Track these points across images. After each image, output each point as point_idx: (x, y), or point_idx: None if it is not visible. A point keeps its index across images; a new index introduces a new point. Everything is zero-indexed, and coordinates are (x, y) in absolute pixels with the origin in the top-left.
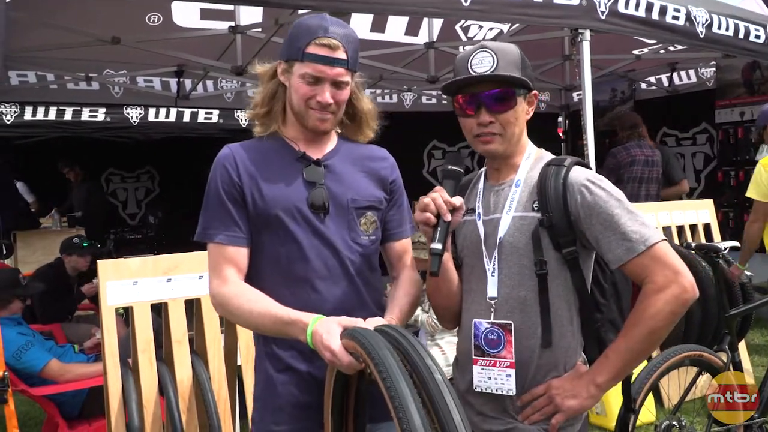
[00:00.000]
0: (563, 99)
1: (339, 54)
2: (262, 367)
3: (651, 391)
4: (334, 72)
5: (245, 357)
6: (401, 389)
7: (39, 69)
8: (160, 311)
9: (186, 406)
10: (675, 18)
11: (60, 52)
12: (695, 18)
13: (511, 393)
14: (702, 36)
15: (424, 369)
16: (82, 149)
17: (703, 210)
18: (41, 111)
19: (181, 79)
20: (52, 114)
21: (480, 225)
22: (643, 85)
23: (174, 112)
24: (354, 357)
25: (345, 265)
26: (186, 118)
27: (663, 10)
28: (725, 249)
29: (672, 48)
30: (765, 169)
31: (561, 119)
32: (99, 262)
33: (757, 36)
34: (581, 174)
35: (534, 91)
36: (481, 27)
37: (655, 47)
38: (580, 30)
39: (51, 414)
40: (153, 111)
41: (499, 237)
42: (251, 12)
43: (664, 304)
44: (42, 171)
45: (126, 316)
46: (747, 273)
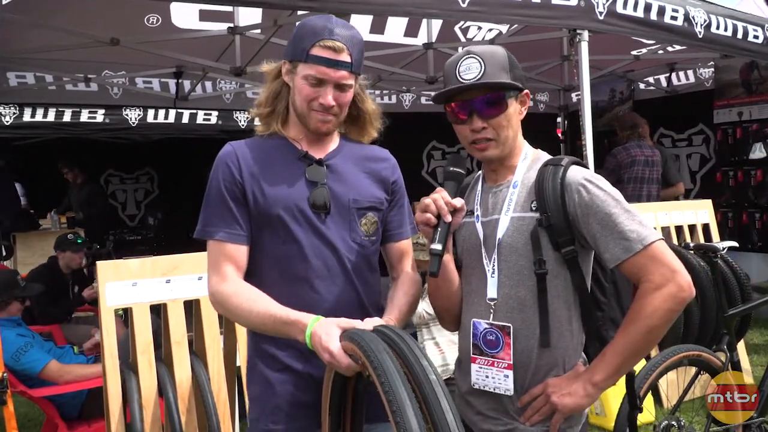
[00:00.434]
0: (562, 99)
1: (343, 57)
2: (257, 368)
3: (650, 391)
4: (337, 75)
5: (245, 358)
6: (399, 394)
7: (38, 70)
8: (159, 312)
9: (185, 407)
10: (673, 18)
11: (59, 53)
12: (694, 18)
13: (509, 393)
14: (700, 36)
15: (419, 370)
16: (81, 150)
17: (702, 210)
18: (40, 112)
19: (180, 80)
20: (51, 115)
21: (479, 227)
22: (642, 86)
23: (173, 113)
24: (353, 359)
25: (344, 266)
26: (185, 119)
27: (661, 10)
28: (724, 249)
29: (670, 48)
30: None
31: (560, 120)
32: (98, 263)
33: (756, 36)
34: (579, 173)
35: (525, 90)
36: (480, 28)
37: (654, 48)
38: (578, 30)
39: (50, 415)
40: (152, 112)
41: (498, 238)
42: (250, 13)
43: (661, 302)
44: (41, 172)
45: (125, 317)
46: None
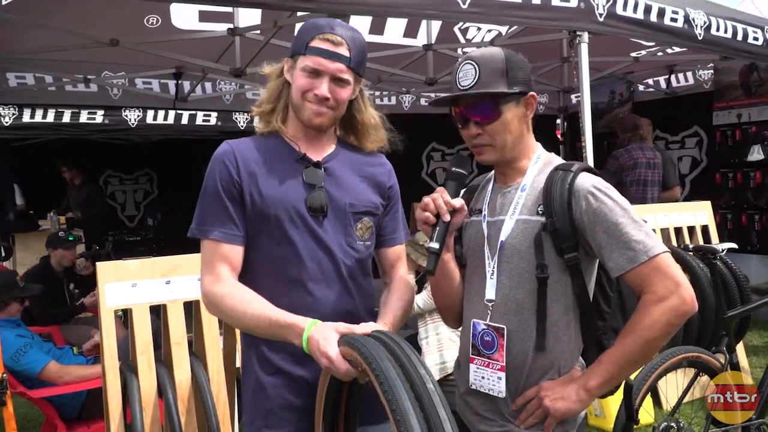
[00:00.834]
0: (561, 101)
1: (341, 50)
2: (251, 371)
3: (649, 393)
4: (334, 66)
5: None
6: (403, 402)
7: (37, 71)
8: (159, 313)
9: (185, 408)
10: (673, 20)
11: (58, 54)
12: (693, 20)
13: (501, 395)
14: (700, 38)
15: (417, 378)
16: (80, 151)
17: (701, 212)
18: (39, 113)
19: (180, 81)
20: (50, 116)
21: (485, 226)
22: (641, 87)
23: (172, 114)
24: (351, 364)
25: (339, 269)
26: (184, 120)
27: (661, 12)
28: (723, 251)
29: (670, 50)
30: None
31: (559, 121)
32: (98, 264)
33: (756, 38)
34: (588, 180)
35: (530, 93)
36: (480, 29)
37: (653, 49)
38: (578, 32)
39: (50, 416)
40: (151, 113)
41: (501, 240)
42: (250, 14)
43: (661, 314)
44: (40, 173)
45: (125, 318)
46: None
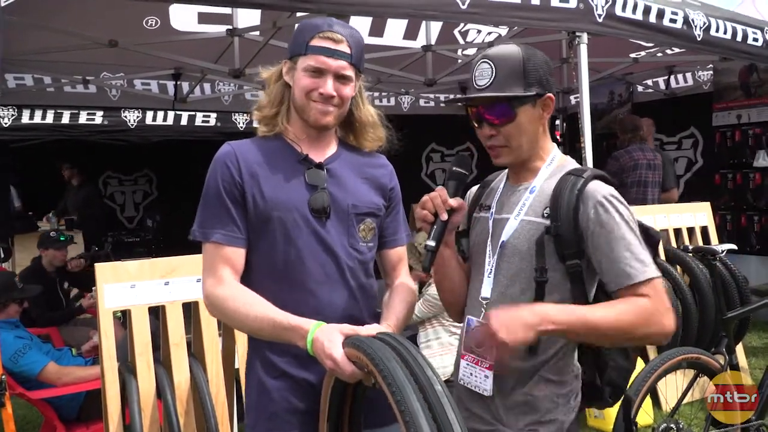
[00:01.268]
0: (561, 102)
1: (342, 47)
2: (254, 374)
3: (649, 394)
4: (336, 64)
5: (243, 360)
6: (412, 404)
7: (36, 72)
8: (157, 314)
9: (184, 409)
10: (672, 21)
11: (57, 55)
12: (693, 21)
13: (486, 394)
14: (699, 39)
15: (424, 380)
16: (79, 152)
17: (701, 213)
18: (38, 114)
19: (179, 82)
20: (49, 117)
21: (490, 224)
22: (641, 88)
23: (171, 115)
24: (357, 366)
25: (342, 271)
26: (183, 121)
27: (660, 13)
28: (722, 252)
29: (669, 51)
30: None
31: (558, 122)
32: (97, 265)
33: (755, 39)
34: (599, 189)
35: (548, 94)
36: (480, 30)
37: (653, 50)
38: (577, 33)
39: (49, 417)
40: (150, 114)
41: (502, 239)
42: (249, 15)
43: (645, 318)
44: (39, 174)
45: (124, 319)
46: None
